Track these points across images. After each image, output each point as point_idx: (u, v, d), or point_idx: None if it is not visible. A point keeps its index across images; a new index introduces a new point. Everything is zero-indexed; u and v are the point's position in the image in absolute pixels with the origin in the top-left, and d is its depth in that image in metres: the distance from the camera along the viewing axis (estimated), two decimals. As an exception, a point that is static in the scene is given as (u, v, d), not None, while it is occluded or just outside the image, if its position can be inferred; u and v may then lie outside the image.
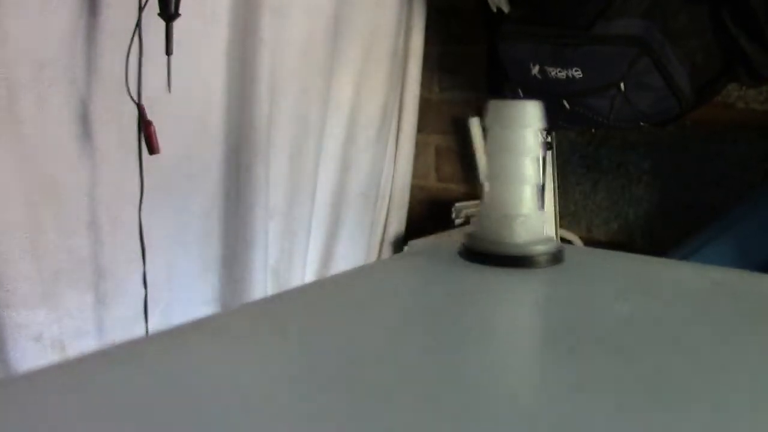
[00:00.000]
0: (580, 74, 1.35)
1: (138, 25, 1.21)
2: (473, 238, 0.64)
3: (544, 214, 0.65)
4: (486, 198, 0.65)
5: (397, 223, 1.84)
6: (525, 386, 0.44)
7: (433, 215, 1.82)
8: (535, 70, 1.40)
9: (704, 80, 1.35)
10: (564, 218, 1.67)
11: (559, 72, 1.37)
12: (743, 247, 1.24)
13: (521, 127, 0.62)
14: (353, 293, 0.61)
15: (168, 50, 1.19)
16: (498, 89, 1.59)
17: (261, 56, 1.38)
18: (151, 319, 1.34)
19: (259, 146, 1.41)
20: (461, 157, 1.81)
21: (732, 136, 1.45)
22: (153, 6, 1.17)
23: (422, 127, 1.85)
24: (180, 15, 1.16)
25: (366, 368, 0.44)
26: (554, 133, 1.64)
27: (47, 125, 1.19)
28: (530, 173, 0.64)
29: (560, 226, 1.66)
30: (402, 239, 1.81)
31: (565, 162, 1.66)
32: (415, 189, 1.88)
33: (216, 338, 0.49)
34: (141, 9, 1.21)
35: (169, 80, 1.22)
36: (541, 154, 0.63)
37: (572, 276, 0.64)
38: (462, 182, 1.82)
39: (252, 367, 0.44)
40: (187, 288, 1.40)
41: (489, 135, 0.64)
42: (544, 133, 1.52)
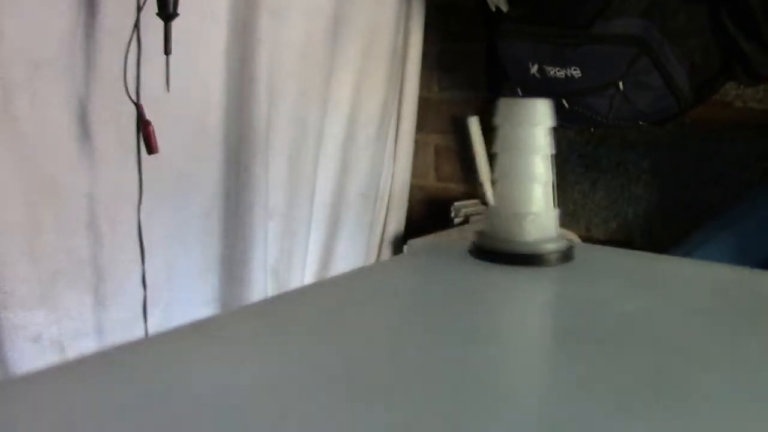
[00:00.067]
0: (579, 73, 1.35)
1: (136, 25, 1.20)
2: (483, 237, 0.64)
3: (557, 212, 0.65)
4: (496, 196, 0.65)
5: (397, 223, 1.83)
6: (531, 384, 0.44)
7: (433, 214, 1.82)
8: (534, 69, 1.40)
9: (703, 79, 1.36)
10: (563, 217, 1.66)
11: (558, 71, 1.37)
12: (742, 246, 1.24)
13: (531, 125, 0.62)
14: (363, 292, 0.60)
15: (167, 50, 1.18)
16: (497, 88, 1.59)
17: (260, 56, 1.38)
18: (151, 320, 1.33)
19: (258, 146, 1.40)
20: (460, 157, 1.81)
21: (730, 135, 1.45)
22: (152, 6, 1.16)
23: (421, 127, 1.84)
24: (179, 15, 1.16)
25: (371, 368, 0.44)
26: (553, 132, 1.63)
27: (45, 125, 1.18)
28: (540, 171, 0.64)
29: (559, 225, 1.65)
30: (401, 239, 1.81)
31: (564, 161, 1.66)
32: (415, 188, 1.87)
33: (215, 340, 0.49)
34: (140, 9, 1.21)
35: (168, 80, 1.21)
36: (552, 152, 0.63)
37: (582, 274, 0.64)
38: (461, 181, 1.82)
39: (251, 370, 0.44)
40: (187, 288, 1.39)
41: (499, 133, 0.64)
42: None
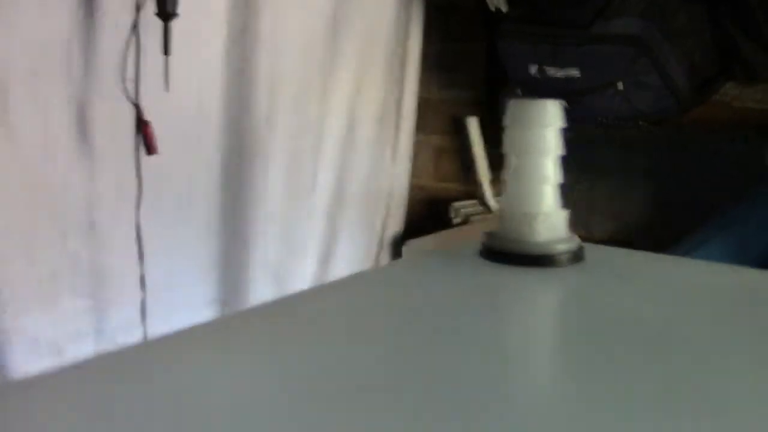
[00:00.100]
0: (579, 74, 1.36)
1: (135, 25, 1.20)
2: (493, 238, 0.64)
3: (567, 213, 0.65)
4: (506, 197, 0.64)
5: (396, 223, 1.83)
6: (543, 387, 0.44)
7: (432, 215, 1.81)
8: (534, 70, 1.40)
9: (702, 79, 1.36)
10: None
11: (558, 71, 1.37)
12: (741, 245, 1.24)
13: (541, 127, 0.62)
14: (373, 294, 0.60)
15: (166, 50, 1.18)
16: (497, 89, 1.59)
17: (260, 56, 1.37)
18: (151, 320, 1.33)
19: (258, 146, 1.40)
20: (460, 157, 1.81)
21: (730, 135, 1.46)
22: (151, 6, 1.16)
23: (421, 127, 1.84)
24: (178, 15, 1.15)
25: (380, 370, 0.44)
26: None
27: (44, 126, 1.17)
28: (551, 173, 0.63)
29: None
30: (400, 238, 1.80)
31: (564, 161, 1.66)
32: (414, 188, 1.87)
33: (215, 344, 0.48)
34: (138, 8, 1.20)
35: (167, 80, 1.20)
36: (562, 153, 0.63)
37: (592, 275, 0.63)
38: (460, 182, 1.82)
39: (252, 374, 0.44)
40: (187, 288, 1.38)
41: (509, 134, 0.63)
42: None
